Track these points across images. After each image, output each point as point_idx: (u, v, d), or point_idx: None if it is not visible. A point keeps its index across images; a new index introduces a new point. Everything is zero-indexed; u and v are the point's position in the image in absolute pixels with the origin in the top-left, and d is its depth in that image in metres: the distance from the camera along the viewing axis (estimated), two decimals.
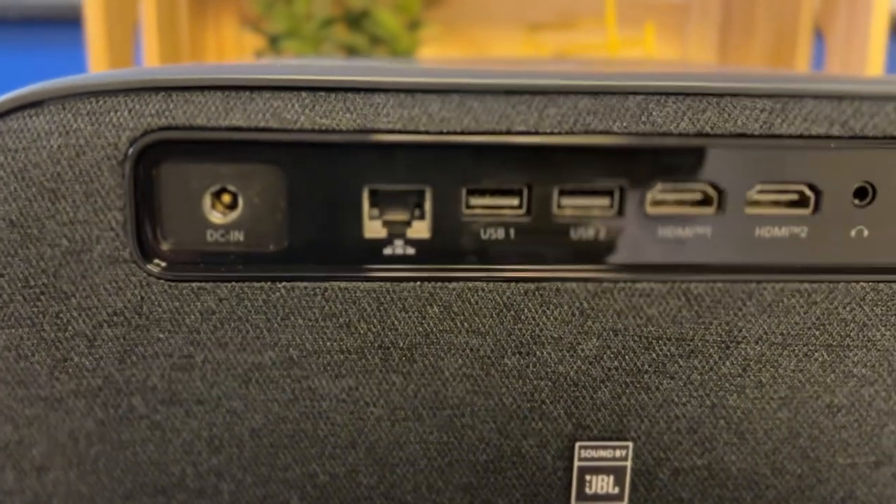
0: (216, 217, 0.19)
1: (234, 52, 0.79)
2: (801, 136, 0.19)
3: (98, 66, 0.57)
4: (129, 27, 0.62)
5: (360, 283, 0.19)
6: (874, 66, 0.58)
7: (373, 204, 0.19)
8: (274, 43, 0.66)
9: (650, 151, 0.19)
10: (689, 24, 0.83)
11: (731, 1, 0.81)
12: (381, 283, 0.19)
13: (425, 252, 0.20)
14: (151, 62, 0.67)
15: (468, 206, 0.20)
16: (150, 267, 0.19)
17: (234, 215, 0.19)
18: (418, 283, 0.20)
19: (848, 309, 0.20)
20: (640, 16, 0.81)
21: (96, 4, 0.55)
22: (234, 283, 0.19)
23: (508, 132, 0.19)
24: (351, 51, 0.68)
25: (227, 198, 0.19)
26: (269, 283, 0.19)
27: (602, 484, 0.21)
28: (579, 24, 0.71)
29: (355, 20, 0.67)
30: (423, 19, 0.69)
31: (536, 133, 0.19)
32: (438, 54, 0.80)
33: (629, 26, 0.76)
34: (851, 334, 0.20)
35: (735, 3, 0.80)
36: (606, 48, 0.69)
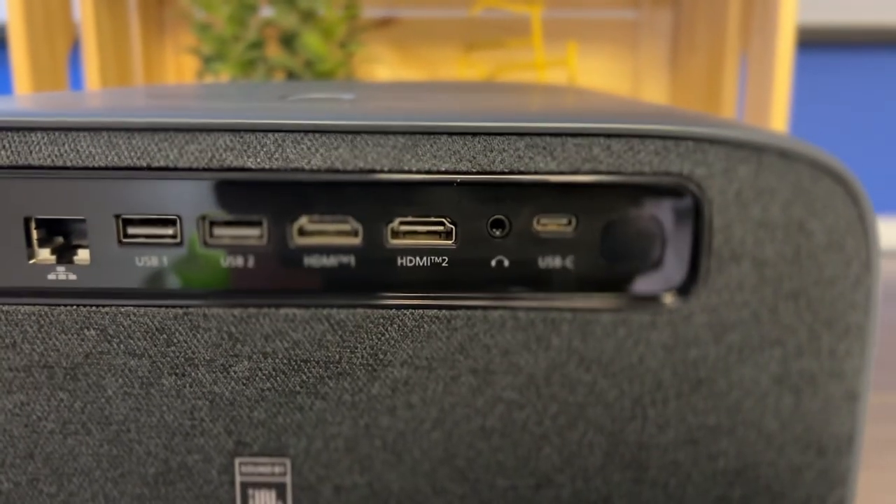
0: None
1: (193, 72, 0.81)
2: (429, 172, 0.20)
3: (23, 87, 0.60)
4: (62, 48, 0.65)
5: (21, 307, 0.21)
6: (781, 81, 0.58)
7: (39, 232, 0.21)
8: (207, 64, 0.68)
9: (286, 186, 0.20)
10: (641, 41, 0.83)
11: (678, 20, 0.81)
12: (41, 308, 0.21)
13: (86, 278, 0.21)
14: (92, 82, 0.70)
15: (126, 235, 0.21)
16: None
17: None
18: (74, 307, 0.21)
19: (489, 335, 0.21)
20: (591, 33, 0.82)
21: (19, 26, 0.58)
22: None
23: (149, 167, 0.20)
24: (288, 72, 0.70)
25: None
26: None
27: (265, 498, 0.22)
28: (510, 44, 0.72)
29: (288, 42, 0.69)
30: (357, 40, 0.71)
31: (175, 169, 0.20)
32: (390, 72, 0.82)
33: (579, 44, 0.77)
34: (495, 360, 0.21)
35: (682, 23, 0.80)
36: (534, 67, 0.70)
